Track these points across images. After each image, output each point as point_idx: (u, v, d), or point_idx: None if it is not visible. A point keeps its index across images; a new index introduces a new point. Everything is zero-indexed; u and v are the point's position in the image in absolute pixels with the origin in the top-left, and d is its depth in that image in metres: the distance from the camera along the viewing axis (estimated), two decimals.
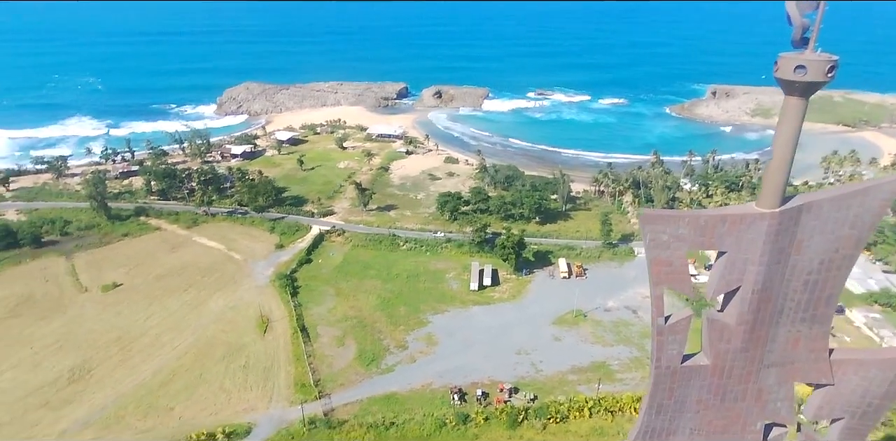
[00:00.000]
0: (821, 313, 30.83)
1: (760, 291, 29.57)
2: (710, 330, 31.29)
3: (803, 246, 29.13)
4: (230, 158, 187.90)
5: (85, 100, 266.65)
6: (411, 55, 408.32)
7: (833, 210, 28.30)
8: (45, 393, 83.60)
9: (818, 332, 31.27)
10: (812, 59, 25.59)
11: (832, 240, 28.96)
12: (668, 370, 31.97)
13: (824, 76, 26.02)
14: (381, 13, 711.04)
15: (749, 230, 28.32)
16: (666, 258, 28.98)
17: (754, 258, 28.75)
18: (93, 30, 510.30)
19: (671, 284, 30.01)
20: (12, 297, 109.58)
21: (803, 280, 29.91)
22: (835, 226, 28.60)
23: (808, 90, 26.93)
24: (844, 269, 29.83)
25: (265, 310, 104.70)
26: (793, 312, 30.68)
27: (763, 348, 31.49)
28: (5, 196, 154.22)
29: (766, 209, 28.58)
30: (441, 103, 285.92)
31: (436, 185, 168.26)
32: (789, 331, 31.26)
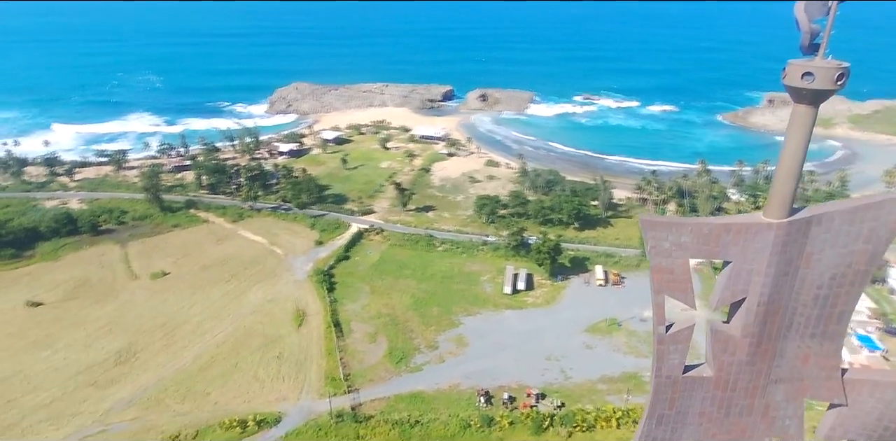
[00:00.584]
0: (832, 330, 29.45)
1: (767, 304, 28.56)
2: (714, 341, 30.41)
3: (813, 259, 28.00)
4: (277, 156, 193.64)
5: (145, 97, 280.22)
6: (458, 58, 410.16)
7: (845, 223, 27.16)
8: (93, 372, 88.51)
9: (829, 349, 29.91)
10: (820, 66, 24.72)
11: (844, 254, 27.74)
12: (668, 380, 31.24)
13: (833, 84, 25.12)
14: (430, 16, 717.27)
15: (755, 240, 27.42)
16: (667, 266, 28.33)
17: (760, 269, 27.80)
18: (155, 31, 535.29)
19: (672, 293, 29.37)
20: (71, 280, 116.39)
21: (813, 294, 28.72)
22: (847, 239, 27.41)
23: (817, 98, 26.15)
24: (857, 286, 28.42)
25: (302, 304, 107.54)
26: (802, 327, 29.51)
27: (770, 362, 30.35)
28: (69, 186, 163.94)
29: (774, 219, 27.63)
30: (485, 106, 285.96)
31: (475, 187, 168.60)
32: (798, 346, 30.04)
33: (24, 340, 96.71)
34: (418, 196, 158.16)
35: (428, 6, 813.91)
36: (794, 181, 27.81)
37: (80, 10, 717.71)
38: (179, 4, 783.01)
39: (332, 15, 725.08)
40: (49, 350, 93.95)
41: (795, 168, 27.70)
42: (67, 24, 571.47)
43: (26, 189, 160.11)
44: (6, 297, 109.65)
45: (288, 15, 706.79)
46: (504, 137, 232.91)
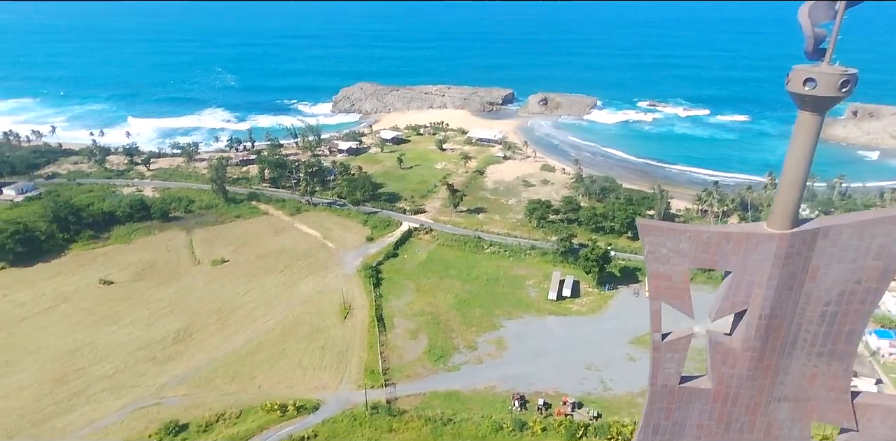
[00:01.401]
0: (840, 350, 27.76)
1: (769, 317, 27.24)
2: (713, 353, 29.39)
3: (819, 273, 26.52)
4: (337, 153, 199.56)
5: (219, 95, 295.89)
6: (522, 63, 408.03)
7: (854, 237, 25.62)
8: (153, 349, 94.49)
9: (838, 370, 28.10)
10: (823, 72, 23.39)
11: (853, 270, 26.17)
12: (664, 389, 30.44)
13: (836, 91, 23.93)
14: (498, 19, 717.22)
15: (756, 251, 26.23)
16: (665, 273, 27.61)
17: (761, 281, 26.60)
18: (234, 31, 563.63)
19: (669, 301, 28.59)
20: (140, 262, 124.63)
21: (820, 311, 27.12)
22: (856, 255, 25.83)
23: (821, 105, 24.99)
24: (868, 304, 26.70)
25: (348, 297, 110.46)
26: (808, 345, 27.90)
27: (773, 379, 28.89)
28: (145, 175, 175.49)
29: (776, 230, 26.55)
30: (546, 110, 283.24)
31: (529, 191, 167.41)
32: (804, 364, 28.43)
33: (95, 315, 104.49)
34: (470, 198, 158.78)
35: (497, 10, 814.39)
36: (798, 191, 26.77)
37: (169, 10, 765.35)
38: (260, 6, 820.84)
39: (403, 18, 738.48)
40: (116, 325, 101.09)
41: (799, 177, 26.61)
42: (156, 24, 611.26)
43: (108, 176, 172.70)
44: (84, 275, 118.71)
45: (360, 18, 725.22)
46: (562, 142, 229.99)
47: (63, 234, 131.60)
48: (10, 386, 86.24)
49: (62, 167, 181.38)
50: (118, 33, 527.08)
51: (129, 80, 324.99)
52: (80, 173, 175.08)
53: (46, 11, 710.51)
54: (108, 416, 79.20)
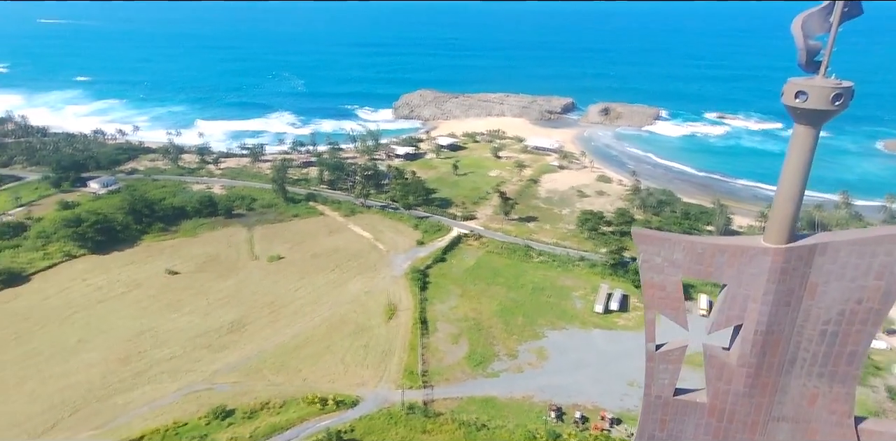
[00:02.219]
0: (842, 371, 26.42)
1: (765, 333, 26.12)
2: (709, 367, 28.51)
3: (818, 291, 25.40)
4: (394, 158, 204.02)
5: (287, 100, 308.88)
6: (584, 72, 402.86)
7: (853, 255, 24.51)
8: (209, 337, 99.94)
9: (840, 393, 26.56)
10: (814, 85, 22.37)
11: (853, 289, 24.98)
12: (658, 400, 29.70)
13: (829, 104, 23.17)
14: (559, 28, 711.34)
15: (751, 264, 25.32)
16: (659, 282, 27.07)
17: (756, 295, 25.63)
18: (307, 38, 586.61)
19: (663, 311, 28.01)
20: (203, 255, 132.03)
21: (819, 329, 25.79)
22: (856, 273, 24.65)
23: (814, 118, 24.18)
24: (870, 326, 25.35)
25: (394, 298, 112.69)
26: (808, 364, 26.55)
27: (771, 397, 27.57)
28: (215, 173, 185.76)
29: (772, 244, 25.83)
30: (606, 120, 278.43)
31: (583, 202, 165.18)
32: (804, 385, 27.05)
33: (159, 302, 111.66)
34: (522, 206, 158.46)
35: (565, 20, 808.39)
36: (794, 206, 25.88)
37: (244, 17, 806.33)
38: (329, 14, 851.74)
39: (468, 26, 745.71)
40: (177, 313, 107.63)
41: (795, 192, 25.93)
42: (230, 31, 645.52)
43: (181, 173, 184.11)
44: (152, 265, 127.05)
45: (427, 25, 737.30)
46: (620, 153, 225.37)
47: (137, 225, 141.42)
48: (82, 362, 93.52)
49: (141, 164, 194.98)
50: (196, 40, 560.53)
51: (205, 85, 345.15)
52: (156, 170, 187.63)
53: (131, 18, 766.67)
54: (165, 396, 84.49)
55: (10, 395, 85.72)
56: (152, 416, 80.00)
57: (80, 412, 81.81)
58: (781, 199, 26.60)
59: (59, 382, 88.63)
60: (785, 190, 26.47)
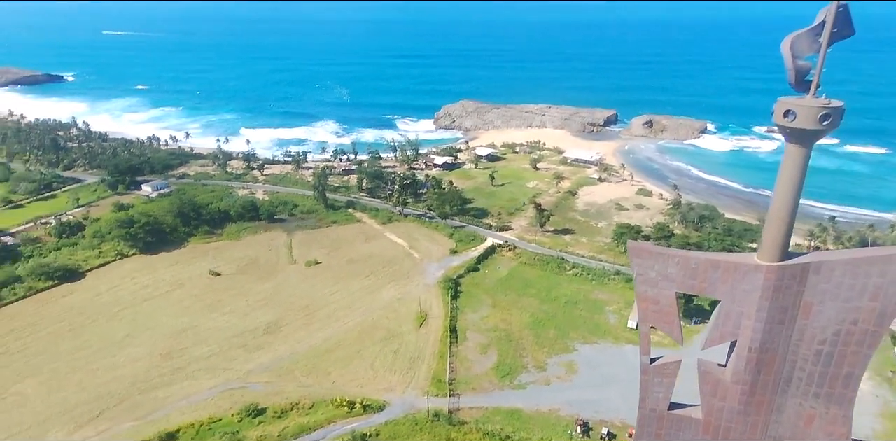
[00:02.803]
0: (839, 393, 25.81)
1: (759, 351, 25.54)
2: (703, 383, 28.08)
3: (813, 310, 24.94)
4: (432, 167, 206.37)
5: (331, 109, 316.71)
6: (629, 85, 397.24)
7: (847, 276, 24.14)
8: (245, 337, 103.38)
9: (837, 415, 25.67)
10: (802, 104, 22.00)
11: (848, 309, 24.51)
12: (653, 413, 29.35)
13: (816, 124, 23.12)
14: (605, 40, 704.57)
15: (744, 281, 24.93)
16: (653, 296, 26.91)
17: (750, 312, 25.20)
18: (350, 50, 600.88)
19: (657, 324, 27.86)
20: (245, 258, 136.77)
21: (815, 349, 25.12)
22: (850, 294, 24.20)
23: (804, 137, 24.19)
24: (867, 348, 24.73)
25: (426, 306, 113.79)
26: (804, 384, 25.76)
27: (767, 416, 26.76)
28: (259, 179, 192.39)
29: (765, 262, 25.72)
30: (650, 133, 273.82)
31: (621, 215, 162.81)
32: (801, 404, 26.20)
33: (201, 302, 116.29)
34: (559, 218, 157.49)
35: (611, 31, 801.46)
36: (786, 224, 25.54)
37: (294, 30, 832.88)
38: (380, 20, 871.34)
39: (515, 37, 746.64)
40: (217, 312, 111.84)
41: (788, 210, 25.88)
42: (281, 42, 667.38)
43: (228, 178, 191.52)
44: (197, 266, 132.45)
45: (473, 37, 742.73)
46: (663, 166, 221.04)
47: (185, 227, 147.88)
48: (128, 357, 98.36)
49: (191, 169, 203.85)
50: (249, 51, 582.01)
51: (254, 94, 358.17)
52: (205, 175, 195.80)
53: (189, 30, 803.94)
54: (201, 392, 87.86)
55: (62, 384, 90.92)
56: (189, 411, 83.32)
57: (124, 403, 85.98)
58: (774, 217, 26.49)
59: (106, 374, 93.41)
60: (777, 208, 26.36)
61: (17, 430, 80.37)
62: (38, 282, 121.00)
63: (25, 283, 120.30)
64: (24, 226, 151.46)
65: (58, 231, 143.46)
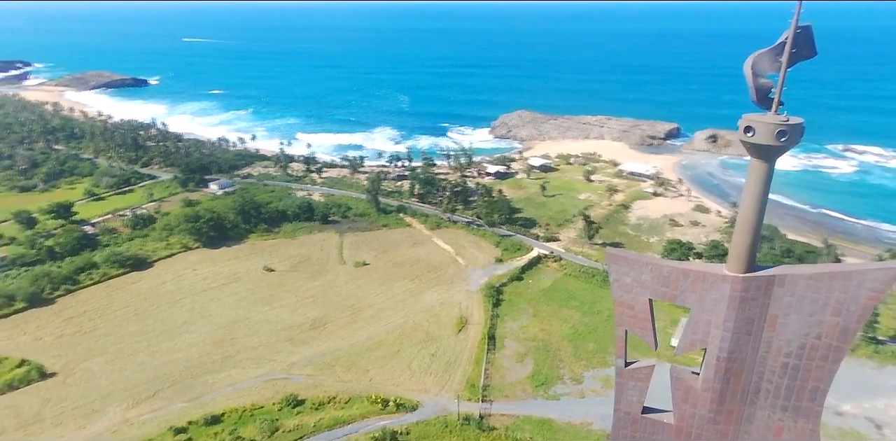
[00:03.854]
0: (805, 407, 25.50)
1: (727, 360, 25.57)
2: (675, 388, 28.18)
3: (779, 323, 25.05)
4: (485, 176, 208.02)
5: (390, 116, 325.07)
6: (694, 98, 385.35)
7: (810, 290, 24.12)
8: (292, 331, 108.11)
9: (804, 429, 25.36)
10: (760, 120, 22.13)
11: (812, 324, 24.46)
12: (627, 416, 29.66)
13: (774, 140, 23.58)
14: (667, 52, 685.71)
15: (712, 290, 25.15)
16: (628, 301, 27.48)
17: (718, 322, 25.37)
18: (414, 59, 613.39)
19: (632, 329, 28.45)
20: (298, 256, 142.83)
21: (781, 362, 25.18)
22: (813, 308, 24.19)
23: (764, 153, 24.88)
24: (831, 362, 24.48)
25: (467, 312, 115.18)
26: (772, 396, 25.69)
27: (736, 426, 26.61)
28: (317, 181, 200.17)
29: (732, 273, 26.10)
30: (713, 148, 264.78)
31: (674, 231, 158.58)
32: (769, 416, 26.03)
33: (255, 295, 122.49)
34: (609, 232, 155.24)
35: (680, 42, 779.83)
36: (751, 236, 26.52)
37: (360, 38, 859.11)
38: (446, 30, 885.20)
39: (583, 48, 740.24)
40: (268, 306, 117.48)
41: (753, 222, 26.60)
42: (347, 51, 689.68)
43: (288, 180, 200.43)
44: (253, 261, 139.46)
45: (541, 46, 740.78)
46: (724, 182, 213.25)
47: (245, 225, 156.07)
48: (185, 342, 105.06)
49: (255, 169, 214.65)
50: (316, 59, 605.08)
51: (318, 101, 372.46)
52: (267, 176, 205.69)
53: (261, 38, 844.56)
54: (247, 381, 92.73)
55: (124, 363, 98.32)
56: (234, 397, 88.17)
57: (177, 385, 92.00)
58: (740, 228, 27.08)
59: (164, 357, 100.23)
60: (743, 220, 26.94)
61: (83, 402, 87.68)
62: (112, 269, 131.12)
63: (100, 269, 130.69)
64: (104, 217, 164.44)
65: (132, 223, 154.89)
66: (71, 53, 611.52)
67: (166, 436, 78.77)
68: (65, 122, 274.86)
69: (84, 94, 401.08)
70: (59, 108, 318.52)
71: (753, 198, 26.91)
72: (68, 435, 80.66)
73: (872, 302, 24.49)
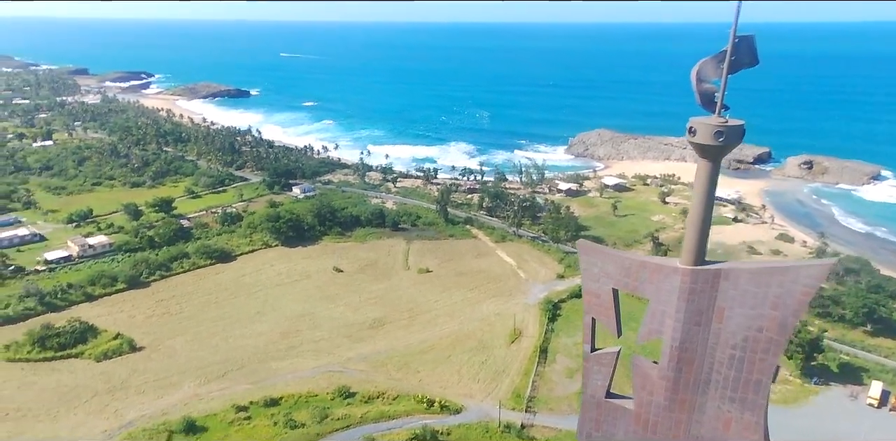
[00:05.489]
0: (751, 399, 26.45)
1: (679, 350, 26.37)
2: (635, 375, 29.55)
3: (725, 315, 26.39)
4: (555, 192, 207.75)
5: (470, 133, 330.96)
6: (788, 123, 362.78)
7: (751, 284, 25.34)
8: (352, 328, 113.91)
9: (750, 421, 26.27)
10: (700, 122, 23.01)
11: (754, 317, 25.65)
12: (592, 399, 30.98)
13: (713, 140, 25.32)
14: (761, 74, 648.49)
15: (665, 282, 26.26)
16: (595, 290, 29.08)
17: (671, 312, 26.61)
18: (499, 77, 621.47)
19: (598, 317, 30.34)
20: (366, 259, 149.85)
21: (728, 354, 26.47)
22: (755, 302, 25.37)
23: (705, 152, 26.64)
24: (771, 355, 25.58)
25: (522, 324, 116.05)
26: (721, 387, 26.55)
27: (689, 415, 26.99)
28: (391, 190, 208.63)
29: (682, 265, 27.93)
30: (807, 175, 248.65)
31: (751, 259, 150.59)
32: (719, 407, 26.94)
33: (322, 293, 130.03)
34: (678, 254, 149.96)
35: (777, 63, 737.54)
36: (699, 230, 28.06)
37: (455, 55, 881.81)
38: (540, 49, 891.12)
39: (668, 68, 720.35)
40: (333, 304, 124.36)
41: (701, 218, 28.16)
42: (436, 69, 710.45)
43: (364, 187, 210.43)
44: (325, 261, 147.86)
45: (631, 68, 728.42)
46: (815, 211, 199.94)
47: (321, 227, 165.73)
48: (255, 331, 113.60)
49: (336, 176, 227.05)
50: (407, 75, 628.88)
51: (403, 115, 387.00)
52: (346, 183, 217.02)
53: (359, 55, 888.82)
54: (306, 370, 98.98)
55: (201, 345, 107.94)
56: (293, 384, 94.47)
57: (244, 368, 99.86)
58: (689, 224, 28.28)
59: (236, 342, 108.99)
60: (692, 216, 28.37)
61: (164, 376, 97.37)
62: (200, 259, 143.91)
63: (191, 259, 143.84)
64: (199, 213, 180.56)
65: (222, 220, 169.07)
66: (186, 66, 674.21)
67: (229, 412, 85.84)
68: (175, 126, 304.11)
69: (193, 103, 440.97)
70: (171, 114, 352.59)
71: (701, 195, 28.85)
72: (148, 403, 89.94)
73: (806, 297, 25.89)
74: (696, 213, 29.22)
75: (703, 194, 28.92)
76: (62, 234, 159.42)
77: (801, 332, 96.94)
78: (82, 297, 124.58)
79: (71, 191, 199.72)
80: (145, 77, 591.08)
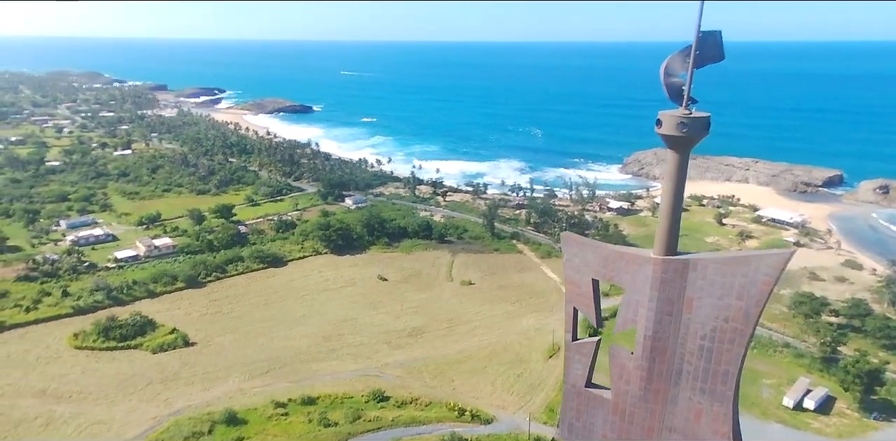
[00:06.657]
0: (720, 391, 26.38)
1: (653, 339, 26.14)
2: (612, 365, 29.33)
3: (694, 305, 26.57)
4: (606, 211, 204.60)
5: (521, 150, 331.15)
6: (866, 146, 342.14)
7: (718, 274, 25.62)
8: (391, 336, 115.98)
9: (719, 413, 26.06)
10: (666, 114, 22.83)
11: (721, 307, 25.87)
12: (573, 388, 30.70)
13: (677, 131, 26.25)
14: (834, 93, 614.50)
15: (639, 272, 26.28)
16: (577, 280, 29.06)
17: (644, 301, 26.44)
18: (560, 98, 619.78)
19: (579, 306, 30.22)
20: (410, 269, 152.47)
21: (698, 344, 26.52)
22: (721, 291, 25.60)
23: (672, 143, 27.29)
24: (738, 346, 25.51)
25: (561, 340, 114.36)
26: (691, 378, 26.48)
27: (663, 406, 26.34)
28: (440, 204, 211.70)
29: (654, 255, 28.99)
30: (883, 200, 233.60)
31: (813, 285, 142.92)
32: (690, 398, 26.55)
33: (366, 300, 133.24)
34: None
35: (852, 83, 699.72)
36: (670, 221, 28.70)
37: (515, 73, 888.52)
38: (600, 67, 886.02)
39: (731, 87, 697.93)
40: (375, 311, 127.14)
41: (672, 208, 28.82)
42: (498, 86, 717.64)
43: (414, 200, 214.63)
44: (370, 269, 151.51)
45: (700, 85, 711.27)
46: (889, 238, 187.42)
47: (369, 237, 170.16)
48: (299, 333, 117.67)
49: (387, 189, 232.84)
50: (457, 92, 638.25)
51: (457, 132, 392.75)
52: (396, 195, 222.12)
53: (416, 73, 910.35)
54: (344, 373, 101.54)
55: (249, 344, 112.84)
56: (330, 385, 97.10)
57: (286, 367, 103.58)
58: (662, 215, 28.36)
59: (281, 343, 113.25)
60: (664, 208, 28.41)
61: (212, 370, 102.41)
62: (254, 263, 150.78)
63: (245, 262, 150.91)
64: (256, 220, 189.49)
65: (277, 227, 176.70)
66: (255, 83, 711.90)
67: (269, 407, 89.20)
68: (240, 139, 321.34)
69: (259, 117, 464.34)
70: (238, 127, 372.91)
71: (671, 187, 29.19)
72: (196, 394, 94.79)
73: (767, 287, 26.20)
74: (668, 203, 29.65)
75: (673, 185, 29.39)
76: (132, 235, 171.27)
77: (858, 362, 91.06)
78: (145, 294, 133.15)
79: (143, 196, 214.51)
80: (217, 93, 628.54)
